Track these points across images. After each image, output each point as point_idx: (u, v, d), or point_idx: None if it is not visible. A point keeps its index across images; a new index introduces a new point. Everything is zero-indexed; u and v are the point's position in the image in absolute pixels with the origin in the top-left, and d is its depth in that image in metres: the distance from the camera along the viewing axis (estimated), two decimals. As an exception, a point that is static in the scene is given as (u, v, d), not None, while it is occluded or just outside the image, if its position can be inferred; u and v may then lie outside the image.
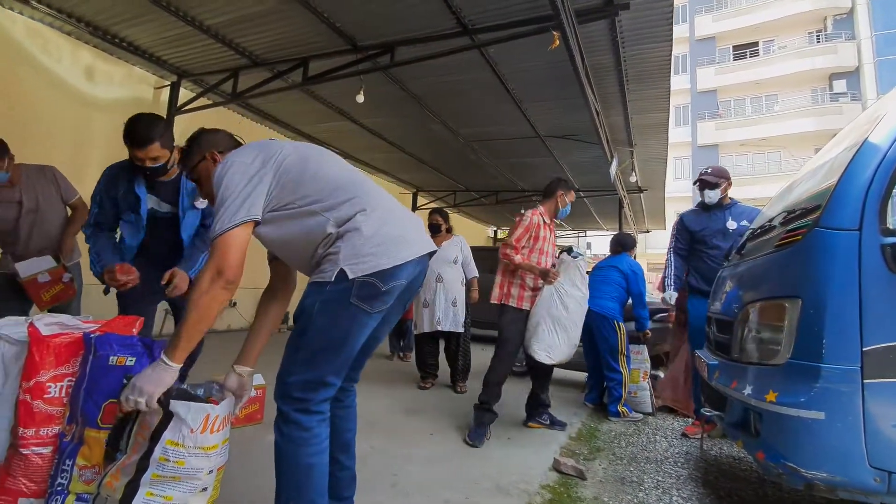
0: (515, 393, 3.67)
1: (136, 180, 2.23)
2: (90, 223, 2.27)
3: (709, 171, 3.19)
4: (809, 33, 23.37)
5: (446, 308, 3.91)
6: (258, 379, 2.78)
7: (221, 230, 1.33)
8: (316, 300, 1.40)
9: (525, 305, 2.93)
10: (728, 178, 3.17)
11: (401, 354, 5.54)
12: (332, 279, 1.37)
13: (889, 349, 1.49)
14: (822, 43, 22.57)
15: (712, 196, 3.12)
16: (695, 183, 3.22)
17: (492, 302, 3.00)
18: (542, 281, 2.90)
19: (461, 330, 3.99)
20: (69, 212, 2.94)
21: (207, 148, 1.60)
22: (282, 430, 1.38)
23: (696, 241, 3.22)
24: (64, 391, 1.68)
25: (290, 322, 7.19)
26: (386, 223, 1.47)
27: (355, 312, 1.38)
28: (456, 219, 12.54)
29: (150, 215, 2.28)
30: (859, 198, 1.60)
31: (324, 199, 1.44)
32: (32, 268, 2.60)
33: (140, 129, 2.08)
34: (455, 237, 4.25)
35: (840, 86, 22.07)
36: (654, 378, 4.03)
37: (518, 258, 2.89)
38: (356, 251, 1.39)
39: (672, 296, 3.29)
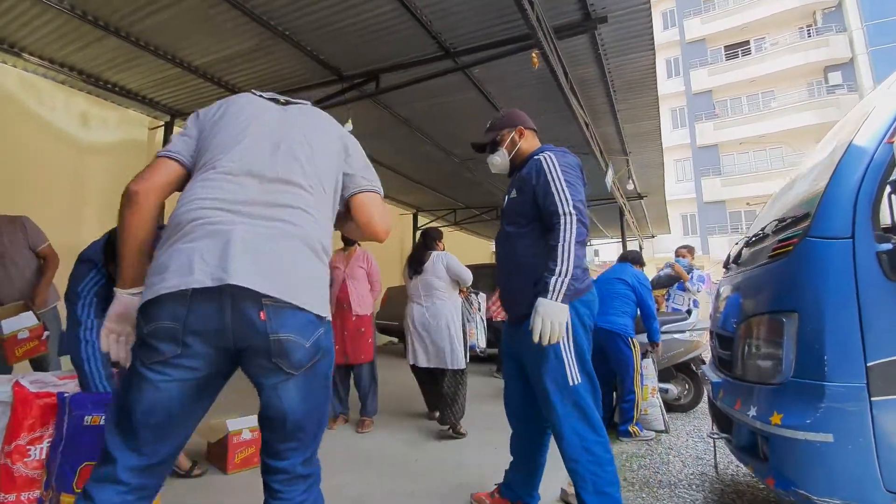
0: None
1: None
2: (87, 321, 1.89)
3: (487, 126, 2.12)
4: (800, 28, 23.45)
5: None
6: (253, 421, 2.71)
7: None
8: None
9: None
10: (513, 125, 2.02)
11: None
12: None
13: (894, 363, 1.40)
14: (814, 37, 22.62)
15: (497, 162, 2.04)
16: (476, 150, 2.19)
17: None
18: None
19: None
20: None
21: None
22: None
23: None
24: (44, 453, 1.63)
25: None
26: (170, 237, 1.08)
27: (133, 361, 1.05)
28: (458, 236, 12.60)
29: None
30: (849, 204, 1.52)
31: None
32: (16, 324, 2.55)
33: None
34: None
35: (835, 77, 22.03)
36: (663, 392, 3.90)
37: None
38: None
39: None
